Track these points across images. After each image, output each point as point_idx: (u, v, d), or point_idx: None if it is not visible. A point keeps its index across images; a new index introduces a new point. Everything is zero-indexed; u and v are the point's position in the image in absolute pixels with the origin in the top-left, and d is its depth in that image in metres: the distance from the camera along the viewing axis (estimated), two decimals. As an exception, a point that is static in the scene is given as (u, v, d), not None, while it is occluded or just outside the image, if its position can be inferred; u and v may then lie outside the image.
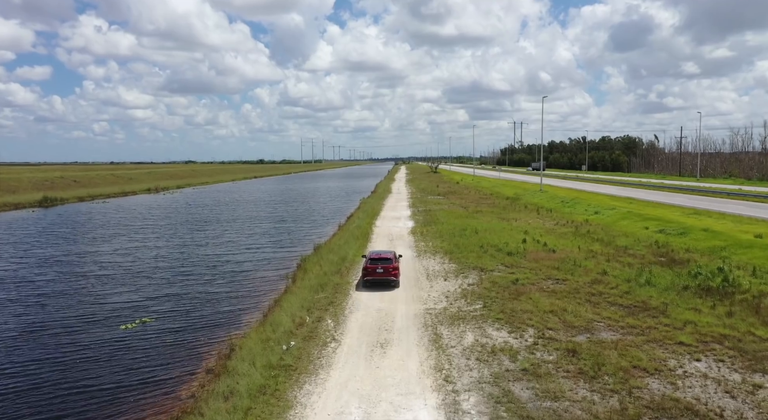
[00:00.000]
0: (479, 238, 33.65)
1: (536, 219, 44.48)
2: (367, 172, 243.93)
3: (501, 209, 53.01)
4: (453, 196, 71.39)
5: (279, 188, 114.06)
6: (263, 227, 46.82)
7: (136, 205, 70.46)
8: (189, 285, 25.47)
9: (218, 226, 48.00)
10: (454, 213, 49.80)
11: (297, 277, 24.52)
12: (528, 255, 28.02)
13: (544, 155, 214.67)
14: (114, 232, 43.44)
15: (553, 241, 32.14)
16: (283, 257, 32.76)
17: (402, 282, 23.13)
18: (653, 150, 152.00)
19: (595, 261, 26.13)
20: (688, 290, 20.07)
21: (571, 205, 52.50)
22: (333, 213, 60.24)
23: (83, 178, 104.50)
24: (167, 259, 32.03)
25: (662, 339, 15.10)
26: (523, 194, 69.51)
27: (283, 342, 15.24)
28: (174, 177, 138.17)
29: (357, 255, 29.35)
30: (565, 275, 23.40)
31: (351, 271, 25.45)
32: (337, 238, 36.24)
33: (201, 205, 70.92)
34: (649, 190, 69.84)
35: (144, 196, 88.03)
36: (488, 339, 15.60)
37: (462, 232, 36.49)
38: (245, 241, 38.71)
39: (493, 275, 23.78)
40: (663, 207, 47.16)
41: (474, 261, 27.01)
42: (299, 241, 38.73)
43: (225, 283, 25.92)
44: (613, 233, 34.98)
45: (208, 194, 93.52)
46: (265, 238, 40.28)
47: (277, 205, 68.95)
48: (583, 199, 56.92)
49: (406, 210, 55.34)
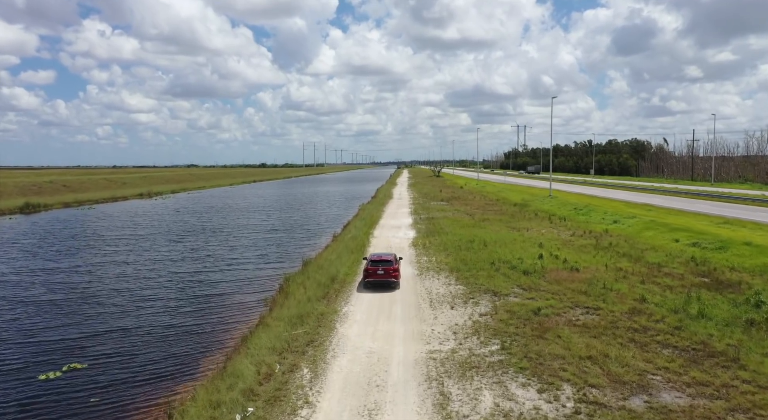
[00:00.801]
0: (489, 252, 29.79)
1: (550, 229, 40.58)
2: (369, 176, 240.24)
3: (510, 217, 49.13)
4: (457, 202, 67.54)
5: (277, 193, 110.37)
6: (251, 238, 42.96)
7: (122, 212, 66.76)
8: (146, 315, 21.48)
9: (202, 236, 44.17)
10: (460, 221, 45.93)
11: (276, 304, 20.69)
12: (547, 274, 24.14)
13: (548, 159, 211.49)
14: (84, 244, 39.58)
15: (573, 256, 28.25)
16: (266, 276, 28.89)
17: (402, 311, 19.32)
18: (662, 154, 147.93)
19: (628, 283, 22.24)
20: (755, 326, 16.14)
21: (585, 213, 48.58)
22: (329, 221, 56.43)
23: (74, 182, 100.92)
24: (131, 278, 28.12)
25: (751, 407, 11.18)
26: (531, 200, 65.60)
27: (239, 409, 11.38)
28: (170, 181, 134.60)
29: (349, 274, 25.53)
30: (596, 302, 19.51)
31: (340, 296, 21.59)
32: (329, 252, 32.39)
33: (190, 211, 67.18)
34: (664, 195, 65.85)
35: (135, 202, 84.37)
36: (512, 402, 11.73)
37: (469, 245, 32.63)
38: (227, 256, 34.78)
39: (509, 301, 19.91)
40: (686, 215, 43.22)
41: (485, 282, 23.15)
42: (288, 255, 34.87)
43: (191, 312, 21.91)
44: (639, 246, 31.07)
45: (201, 199, 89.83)
46: (250, 252, 36.38)
47: (271, 213, 65.16)
48: (597, 205, 53.00)
49: (407, 218, 51.51)
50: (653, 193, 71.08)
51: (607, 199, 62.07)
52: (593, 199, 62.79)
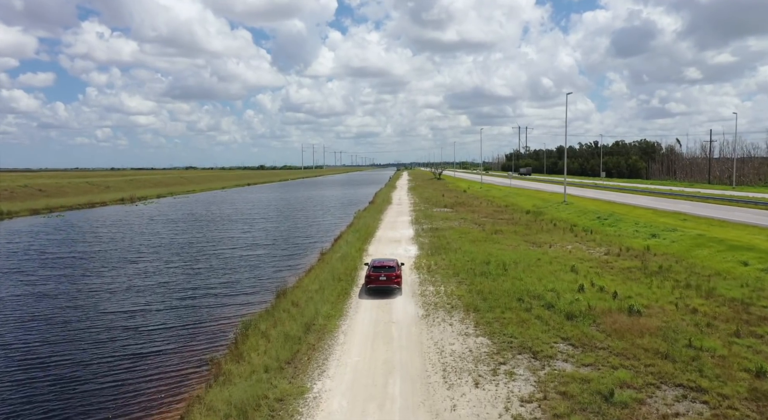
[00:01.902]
0: (511, 280, 23.49)
1: (576, 243, 34.31)
2: (368, 178, 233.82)
3: (525, 228, 42.82)
4: (462, 209, 61.21)
5: (268, 198, 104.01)
6: (224, 257, 36.41)
7: (91, 220, 60.33)
8: (19, 398, 15.01)
9: (165, 254, 37.69)
10: (468, 233, 39.62)
11: (219, 377, 14.30)
12: (599, 318, 17.81)
13: (552, 161, 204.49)
14: (14, 266, 32.86)
15: (621, 287, 21.94)
16: (225, 318, 22.32)
17: (402, 390, 13.03)
18: (673, 155, 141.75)
19: (719, 336, 15.91)
20: None
21: (612, 224, 42.23)
22: (320, 232, 50.07)
23: (52, 186, 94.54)
24: (40, 320, 21.52)
25: None
26: (544, 207, 59.28)
27: None
28: (159, 185, 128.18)
29: (332, 315, 19.23)
30: (690, 375, 13.19)
31: (315, 359, 15.20)
32: (310, 278, 26.03)
33: (166, 220, 60.74)
34: (691, 201, 59.38)
35: (112, 208, 77.95)
36: None
37: (484, 268, 26.33)
38: (184, 284, 28.01)
39: (558, 371, 13.59)
40: (734, 227, 36.87)
41: (516, 331, 16.85)
42: (262, 283, 28.41)
43: (87, 395, 15.09)
44: (699, 271, 24.77)
45: (185, 205, 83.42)
46: (216, 277, 29.76)
47: (255, 222, 58.71)
48: (623, 213, 46.69)
49: (407, 228, 45.16)
50: (676, 198, 64.70)
51: (628, 205, 55.78)
52: (613, 205, 56.50)
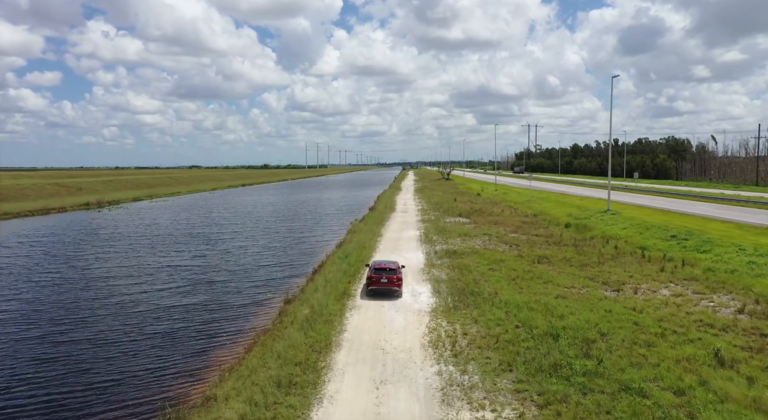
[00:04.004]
0: (605, 378, 12.07)
1: (671, 284, 22.87)
2: (372, 178, 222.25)
3: (576, 251, 31.29)
4: (482, 219, 49.59)
5: (259, 202, 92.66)
6: (144, 310, 25.07)
7: (27, 233, 49.12)
8: None
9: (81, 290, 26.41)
10: (502, 262, 28.04)
11: None
12: None
13: (567, 160, 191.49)
14: None
15: None
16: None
17: None
18: (705, 154, 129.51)
19: None
20: None
21: (700, 247, 30.42)
22: (300, 255, 38.61)
23: (10, 189, 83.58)
24: None
25: None
26: (584, 217, 47.55)
27: None
28: (141, 186, 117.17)
29: None
30: None
31: None
32: (244, 376, 14.55)
33: (124, 234, 49.44)
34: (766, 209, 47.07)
35: (71, 214, 66.78)
36: None
37: (551, 347, 14.90)
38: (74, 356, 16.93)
39: None
40: None
41: None
42: (175, 370, 17.14)
43: None
44: None
45: (156, 212, 72.14)
46: (107, 366, 18.53)
47: (221, 241, 46.97)
48: (701, 231, 34.95)
49: (415, 250, 33.56)
50: (742, 205, 52.63)
51: (691, 215, 44.06)
52: (671, 215, 44.78)
